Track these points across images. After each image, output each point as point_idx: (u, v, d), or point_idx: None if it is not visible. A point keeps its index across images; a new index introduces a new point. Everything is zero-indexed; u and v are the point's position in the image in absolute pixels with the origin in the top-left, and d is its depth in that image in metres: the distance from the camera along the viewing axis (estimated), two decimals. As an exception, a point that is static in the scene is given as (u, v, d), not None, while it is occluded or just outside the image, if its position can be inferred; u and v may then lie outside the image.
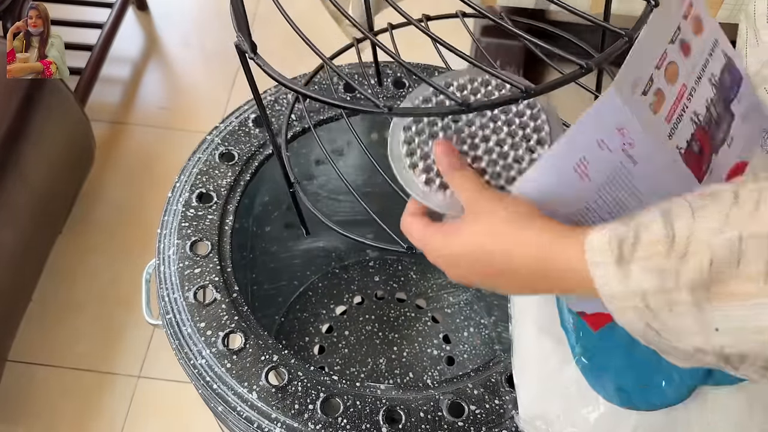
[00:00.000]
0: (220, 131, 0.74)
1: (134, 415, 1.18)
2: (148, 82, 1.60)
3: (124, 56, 1.63)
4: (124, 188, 1.43)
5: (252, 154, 0.72)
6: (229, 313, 0.62)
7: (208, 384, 0.59)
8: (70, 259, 1.33)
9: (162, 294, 0.64)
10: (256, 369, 0.60)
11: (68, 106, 1.19)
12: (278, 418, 0.57)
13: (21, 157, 1.07)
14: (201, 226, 0.67)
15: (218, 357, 0.60)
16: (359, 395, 0.59)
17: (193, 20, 1.72)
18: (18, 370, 1.21)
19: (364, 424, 0.57)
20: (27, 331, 1.23)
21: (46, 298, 1.28)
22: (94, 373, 1.22)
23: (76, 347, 1.24)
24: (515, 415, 0.57)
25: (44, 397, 1.19)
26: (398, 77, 0.79)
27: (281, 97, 0.77)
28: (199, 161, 0.71)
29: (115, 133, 1.51)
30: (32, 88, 1.09)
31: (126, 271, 1.32)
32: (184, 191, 0.70)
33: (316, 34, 0.58)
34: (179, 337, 0.61)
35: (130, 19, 1.70)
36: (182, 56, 1.65)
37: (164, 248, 0.66)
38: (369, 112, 0.50)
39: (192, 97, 1.58)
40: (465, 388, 0.59)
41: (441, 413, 0.58)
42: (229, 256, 0.66)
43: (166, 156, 1.47)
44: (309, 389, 0.59)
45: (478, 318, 1.06)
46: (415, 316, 1.02)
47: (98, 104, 1.52)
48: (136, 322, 1.26)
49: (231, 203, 0.69)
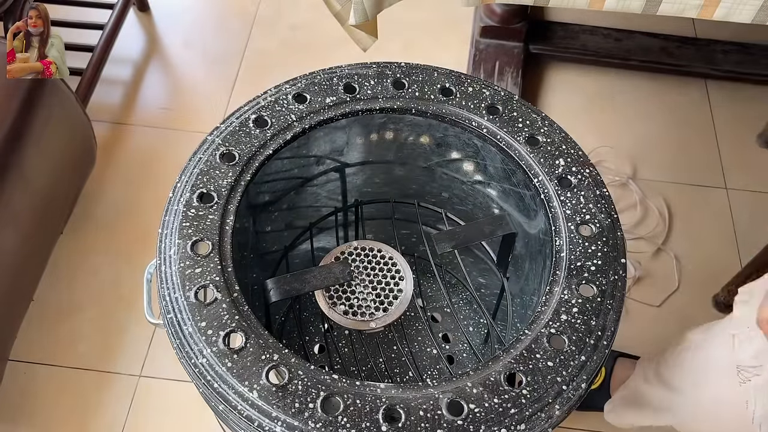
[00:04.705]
0: (220, 131, 0.74)
1: (135, 414, 1.18)
2: (150, 83, 1.61)
3: (126, 57, 1.64)
4: (125, 188, 1.43)
5: (252, 154, 0.73)
6: (230, 312, 0.63)
7: (208, 383, 0.59)
8: (72, 259, 1.33)
9: (163, 293, 0.64)
10: (256, 368, 0.60)
11: (69, 106, 1.19)
12: (279, 416, 0.58)
13: (22, 158, 1.08)
14: (202, 226, 0.68)
15: (219, 356, 0.60)
16: (359, 394, 0.59)
17: (194, 21, 1.73)
18: (19, 369, 1.21)
19: (364, 422, 0.58)
20: (28, 331, 1.24)
21: (47, 297, 1.28)
22: (95, 372, 1.22)
23: (77, 347, 1.24)
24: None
25: (45, 397, 1.19)
26: (398, 77, 0.79)
27: (281, 97, 0.77)
28: (200, 161, 0.72)
29: (116, 134, 1.51)
30: (33, 89, 1.10)
31: (127, 271, 1.32)
32: (185, 191, 0.70)
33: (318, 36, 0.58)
34: (180, 337, 0.62)
35: (131, 20, 1.70)
36: (183, 57, 1.66)
37: (165, 248, 0.67)
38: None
39: (193, 98, 1.58)
40: (464, 387, 0.60)
41: (440, 412, 0.58)
42: (229, 255, 0.66)
43: (167, 156, 1.48)
44: (309, 388, 0.59)
45: (477, 317, 1.06)
46: (414, 316, 1.02)
47: (99, 105, 1.52)
48: (137, 322, 1.27)
49: (232, 203, 0.70)
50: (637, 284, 1.34)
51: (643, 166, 1.49)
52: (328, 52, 1.62)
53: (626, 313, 1.30)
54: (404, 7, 1.03)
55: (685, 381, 0.83)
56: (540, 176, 0.73)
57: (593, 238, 0.69)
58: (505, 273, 0.85)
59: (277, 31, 1.70)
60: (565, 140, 0.75)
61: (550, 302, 0.65)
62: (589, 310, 0.64)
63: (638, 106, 1.58)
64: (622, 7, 0.87)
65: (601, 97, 1.60)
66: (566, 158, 0.74)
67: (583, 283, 0.66)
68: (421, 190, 0.93)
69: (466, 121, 0.77)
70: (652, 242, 1.39)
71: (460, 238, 0.73)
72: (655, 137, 1.54)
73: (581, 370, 0.61)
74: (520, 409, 0.59)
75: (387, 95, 0.78)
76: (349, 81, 0.79)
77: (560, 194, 0.71)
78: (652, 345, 1.04)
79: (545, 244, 0.73)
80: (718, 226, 1.42)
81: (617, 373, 1.13)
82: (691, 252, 1.38)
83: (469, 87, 0.79)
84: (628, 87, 1.61)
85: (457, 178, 0.89)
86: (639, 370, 1.02)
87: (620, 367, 1.13)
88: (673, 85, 1.61)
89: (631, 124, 1.55)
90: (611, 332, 0.64)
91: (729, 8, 0.83)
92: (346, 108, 0.77)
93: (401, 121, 0.81)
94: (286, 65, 1.63)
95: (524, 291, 0.85)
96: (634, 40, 1.58)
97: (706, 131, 1.55)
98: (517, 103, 0.78)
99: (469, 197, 0.90)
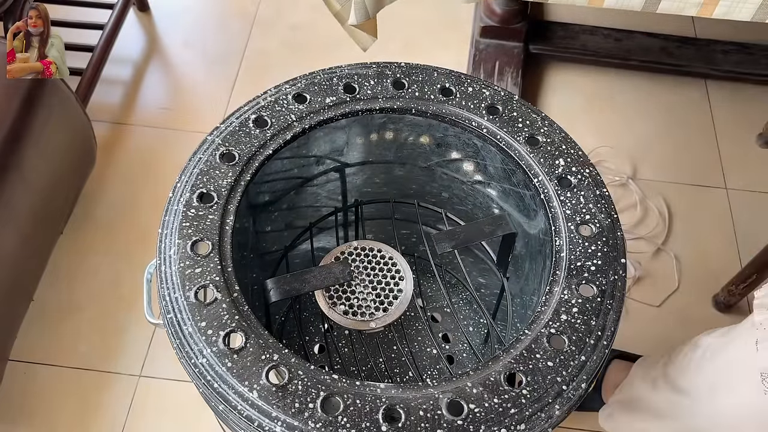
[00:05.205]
0: (220, 131, 0.74)
1: (135, 414, 1.18)
2: (150, 83, 1.61)
3: (126, 57, 1.64)
4: (125, 188, 1.43)
5: (252, 154, 0.73)
6: (230, 312, 0.63)
7: (208, 383, 0.59)
8: (72, 259, 1.33)
9: (163, 293, 0.64)
10: (256, 368, 0.60)
11: (69, 106, 1.19)
12: (279, 416, 0.58)
13: (22, 158, 1.08)
14: (202, 226, 0.68)
15: (219, 356, 0.60)
16: (359, 394, 0.59)
17: (194, 21, 1.73)
18: (19, 369, 1.21)
19: (364, 422, 0.58)
20: (28, 331, 1.24)
21: (47, 297, 1.28)
22: (95, 372, 1.22)
23: (77, 347, 1.24)
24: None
25: (45, 397, 1.19)
26: (398, 77, 0.79)
27: (281, 97, 0.77)
28: (199, 161, 0.72)
29: (116, 134, 1.51)
30: (33, 89, 1.10)
31: (127, 271, 1.32)
32: (185, 191, 0.70)
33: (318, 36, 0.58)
34: (180, 337, 0.62)
35: (131, 20, 1.70)
36: (183, 57, 1.66)
37: (165, 248, 0.67)
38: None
39: (193, 98, 1.58)
40: (464, 387, 0.60)
41: (440, 412, 0.58)
42: (229, 255, 0.66)
43: (167, 156, 1.48)
44: (309, 388, 0.59)
45: (477, 317, 1.06)
46: (414, 316, 1.02)
47: (99, 105, 1.52)
48: (137, 322, 1.27)
49: (232, 203, 0.70)
50: (637, 284, 1.34)
51: (643, 166, 1.49)
52: (328, 52, 1.62)
53: (626, 313, 1.30)
54: (404, 6, 1.04)
55: (700, 386, 0.82)
56: (540, 176, 0.73)
57: (593, 238, 0.69)
58: (505, 273, 0.85)
59: (277, 31, 1.70)
60: (565, 140, 0.75)
61: (550, 302, 0.65)
62: (589, 310, 0.64)
63: (638, 106, 1.58)
64: (622, 4, 0.87)
65: (601, 97, 1.60)
66: (566, 158, 0.74)
67: (583, 283, 0.66)
68: (421, 190, 0.93)
69: (466, 121, 0.77)
70: (652, 242, 1.39)
71: (460, 238, 0.73)
72: (655, 137, 1.54)
73: (581, 370, 0.61)
74: (520, 409, 0.59)
75: (387, 95, 0.78)
76: (349, 81, 0.79)
77: (560, 194, 0.71)
78: (651, 345, 1.04)
79: (545, 244, 0.73)
80: (718, 226, 1.42)
81: (611, 375, 1.11)
82: (691, 252, 1.38)
83: (469, 87, 0.79)
84: (628, 87, 1.61)
85: (457, 178, 0.89)
86: (638, 372, 1.01)
87: (614, 368, 1.12)
88: (673, 85, 1.61)
89: (631, 124, 1.55)
90: (611, 332, 0.64)
91: (729, 6, 0.83)
92: (346, 108, 0.77)
93: (401, 121, 0.81)
94: (286, 65, 1.63)
95: (524, 291, 0.85)
96: (634, 40, 1.58)
97: (706, 131, 1.55)
98: (517, 103, 0.78)
99: (469, 197, 0.90)
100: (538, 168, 0.73)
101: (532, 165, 0.74)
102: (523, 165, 0.74)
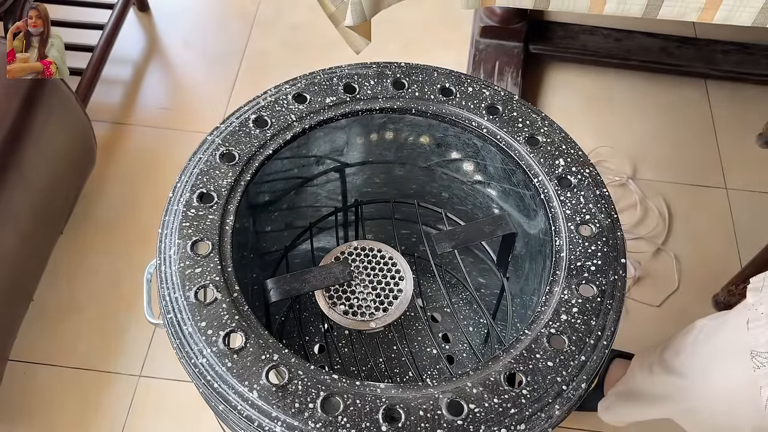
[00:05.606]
0: (220, 132, 0.74)
1: (135, 414, 1.18)
2: (150, 83, 1.61)
3: (126, 57, 1.64)
4: (125, 188, 1.43)
5: (252, 154, 0.73)
6: (230, 312, 0.63)
7: (208, 383, 0.59)
8: (72, 259, 1.33)
9: (163, 293, 0.64)
10: (256, 368, 0.60)
11: (69, 106, 1.19)
12: (279, 416, 0.58)
13: (22, 158, 1.08)
14: (202, 226, 0.68)
15: (219, 356, 0.60)
16: (359, 394, 0.59)
17: (194, 21, 1.73)
18: (19, 369, 1.21)
19: (364, 422, 0.58)
20: (28, 331, 1.24)
21: (47, 297, 1.28)
22: (95, 372, 1.22)
23: (77, 347, 1.24)
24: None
25: (45, 397, 1.19)
26: (398, 77, 0.79)
27: (281, 97, 0.77)
28: (199, 161, 0.72)
29: (116, 134, 1.51)
30: (33, 89, 1.10)
31: (127, 271, 1.32)
32: (185, 191, 0.70)
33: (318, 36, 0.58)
34: (180, 337, 0.62)
35: (131, 20, 1.70)
36: (183, 57, 1.66)
37: (165, 248, 0.67)
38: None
39: (193, 98, 1.58)
40: (464, 387, 0.60)
41: (440, 412, 0.58)
42: (229, 255, 0.66)
43: (167, 156, 1.48)
44: (309, 388, 0.59)
45: (477, 317, 1.06)
46: (414, 316, 1.02)
47: (99, 105, 1.52)
48: (137, 322, 1.27)
49: (232, 203, 0.70)
50: (637, 284, 1.34)
51: (643, 166, 1.49)
52: (328, 52, 1.62)
53: (626, 313, 1.30)
54: (404, 7, 1.03)
55: (694, 367, 0.83)
56: (540, 176, 0.73)
57: (593, 238, 0.69)
58: (505, 273, 0.85)
59: (277, 31, 1.70)
60: (565, 140, 0.75)
61: (550, 302, 0.65)
62: (589, 310, 0.64)
63: (638, 106, 1.58)
64: (622, 11, 0.87)
65: (601, 97, 1.60)
66: (566, 158, 0.74)
67: (583, 283, 0.66)
68: (421, 190, 0.93)
69: (466, 121, 0.77)
70: (652, 242, 1.39)
71: (460, 238, 0.73)
72: (654, 137, 1.54)
73: (581, 370, 0.61)
74: (520, 409, 0.59)
75: (387, 95, 0.78)
76: (349, 81, 0.79)
77: (560, 194, 0.71)
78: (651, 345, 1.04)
79: (545, 244, 0.73)
80: (718, 226, 1.42)
81: (612, 373, 1.12)
82: (691, 252, 1.38)
83: (469, 87, 0.79)
84: (627, 87, 1.61)
85: (457, 178, 0.89)
86: (636, 363, 1.01)
87: (616, 367, 1.13)
88: (673, 85, 1.61)
89: (630, 124, 1.55)
90: (611, 332, 0.64)
91: (729, 11, 0.83)
92: (346, 108, 0.77)
93: (401, 121, 0.81)
94: (286, 65, 1.63)
95: (524, 291, 0.85)
96: (634, 40, 1.58)
97: (706, 131, 1.55)
98: (517, 103, 0.78)
99: (469, 197, 0.90)
100: (538, 168, 0.73)
101: (532, 165, 0.74)
102: (523, 165, 0.74)
